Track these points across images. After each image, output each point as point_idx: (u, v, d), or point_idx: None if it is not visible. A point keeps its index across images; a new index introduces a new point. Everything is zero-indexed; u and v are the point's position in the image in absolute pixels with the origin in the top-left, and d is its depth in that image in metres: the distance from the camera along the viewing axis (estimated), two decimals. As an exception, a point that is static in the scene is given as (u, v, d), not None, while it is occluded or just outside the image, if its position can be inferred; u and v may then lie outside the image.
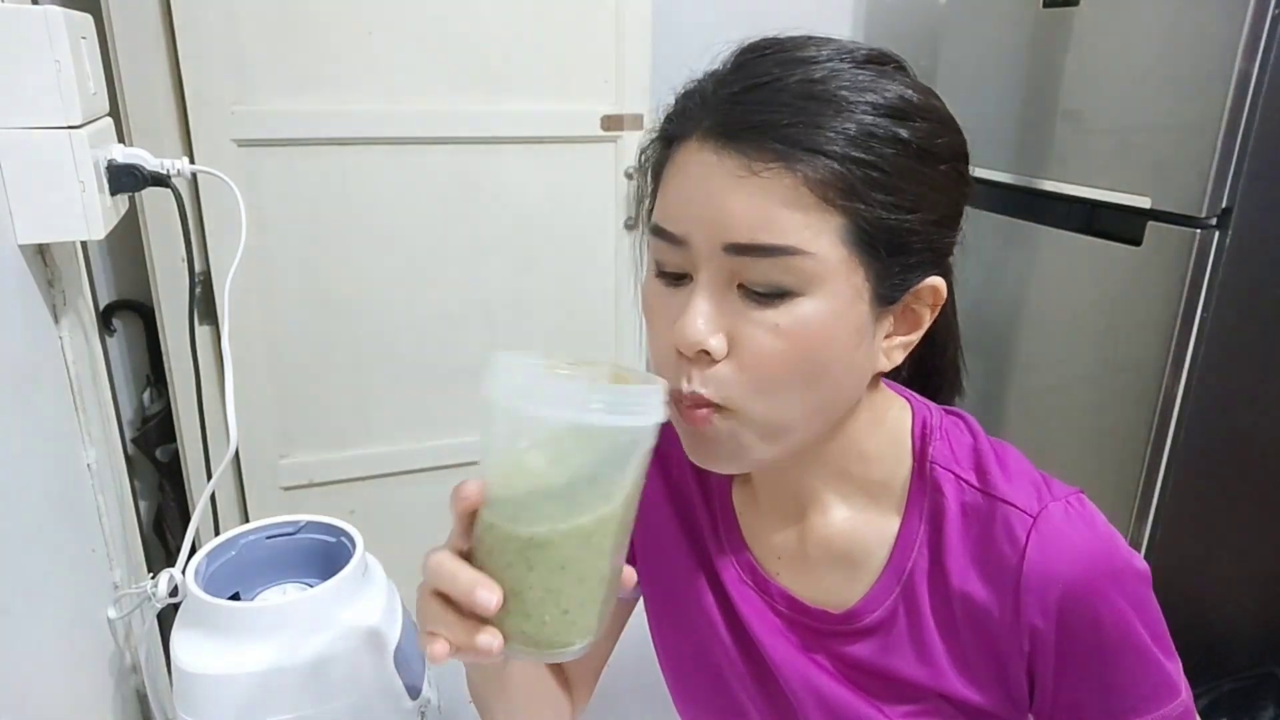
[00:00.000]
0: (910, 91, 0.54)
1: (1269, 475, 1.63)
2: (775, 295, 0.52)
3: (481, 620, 0.49)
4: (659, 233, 0.56)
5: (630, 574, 0.54)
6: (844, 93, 0.51)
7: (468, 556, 0.51)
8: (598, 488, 0.49)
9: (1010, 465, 0.61)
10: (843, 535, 0.64)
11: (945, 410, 0.66)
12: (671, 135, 0.56)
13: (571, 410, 0.45)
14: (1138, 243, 1.56)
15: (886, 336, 0.57)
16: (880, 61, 0.55)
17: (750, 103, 0.52)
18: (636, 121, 1.64)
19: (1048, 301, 1.78)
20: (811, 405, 0.56)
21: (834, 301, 0.52)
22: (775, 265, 0.51)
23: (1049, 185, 1.74)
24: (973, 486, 0.61)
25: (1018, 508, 0.58)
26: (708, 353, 0.53)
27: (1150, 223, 1.53)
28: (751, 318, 0.52)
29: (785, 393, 0.54)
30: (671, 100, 0.58)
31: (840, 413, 0.59)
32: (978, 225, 0.61)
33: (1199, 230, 1.45)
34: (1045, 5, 1.73)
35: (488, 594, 0.48)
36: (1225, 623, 1.73)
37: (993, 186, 1.85)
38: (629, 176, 1.66)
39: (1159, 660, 0.58)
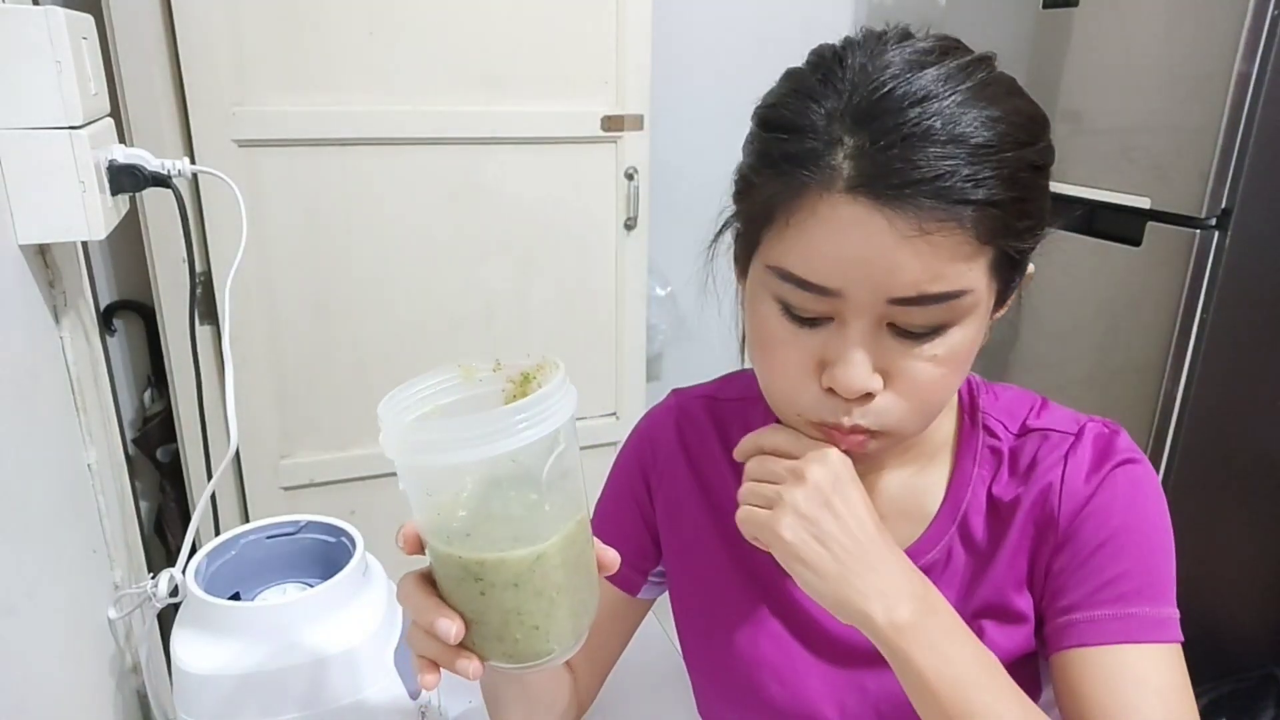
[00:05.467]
0: (1026, 104, 0.54)
1: (1269, 476, 1.63)
2: (930, 332, 0.53)
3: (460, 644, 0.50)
4: (801, 283, 0.53)
5: (612, 557, 0.54)
6: (988, 132, 0.50)
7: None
8: (519, 507, 0.49)
9: (1053, 408, 0.67)
10: (902, 492, 0.68)
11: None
12: (799, 177, 0.52)
13: (456, 452, 0.45)
14: (1138, 243, 1.56)
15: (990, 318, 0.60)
16: (981, 69, 0.53)
17: (904, 159, 0.49)
18: (636, 122, 1.64)
19: (1048, 301, 1.78)
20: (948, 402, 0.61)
21: (978, 319, 0.55)
22: (939, 309, 0.52)
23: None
24: (1017, 434, 0.66)
25: (1059, 430, 0.65)
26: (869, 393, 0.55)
27: (1150, 223, 1.54)
28: (909, 353, 0.54)
29: (940, 405, 0.58)
30: (765, 127, 0.56)
31: None
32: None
33: (1199, 230, 1.45)
34: (1045, 5, 1.73)
35: (447, 624, 0.49)
36: (1225, 624, 1.73)
37: (993, 187, 1.85)
38: (629, 177, 1.66)
39: (1167, 570, 0.62)
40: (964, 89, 0.51)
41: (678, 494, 0.75)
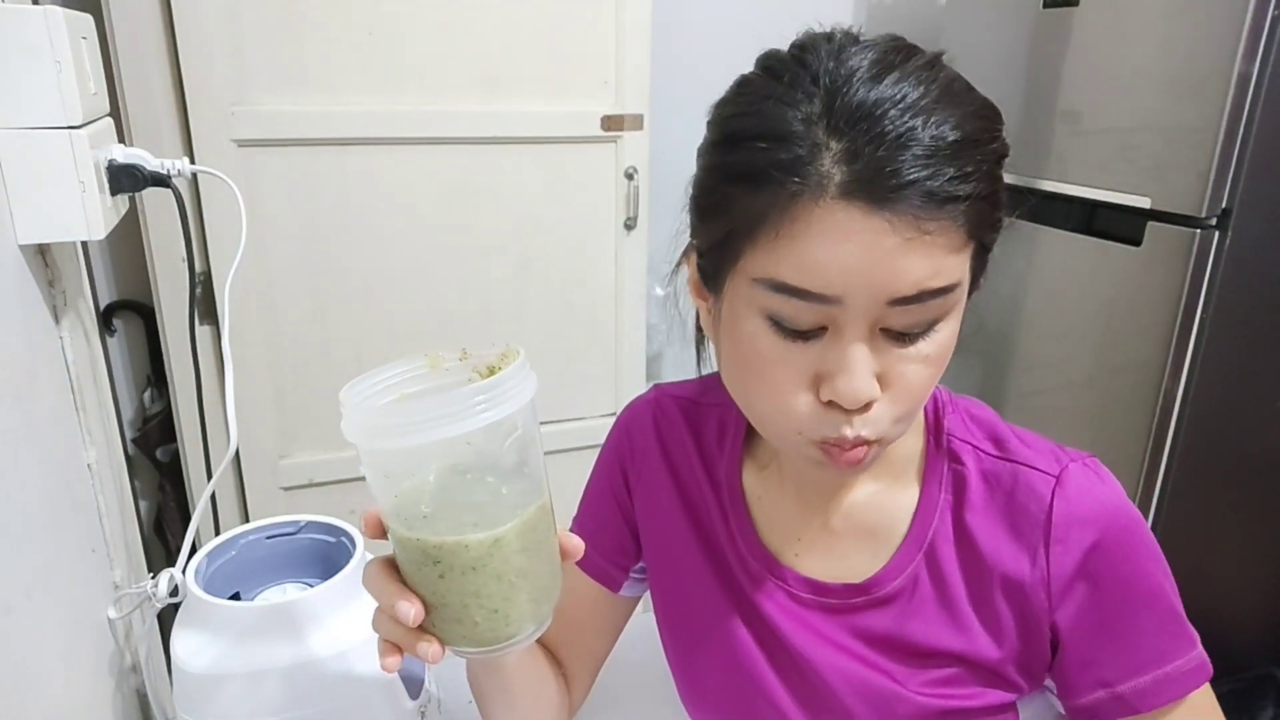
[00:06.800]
0: (983, 99, 0.54)
1: (1268, 476, 1.63)
2: (924, 330, 0.53)
3: (421, 627, 0.51)
4: (797, 293, 0.51)
5: (576, 544, 0.56)
6: (965, 128, 0.50)
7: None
8: (476, 492, 0.49)
9: (1026, 436, 0.65)
10: (867, 508, 0.66)
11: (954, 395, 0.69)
12: (790, 186, 0.50)
13: (413, 435, 0.45)
14: (1138, 243, 1.56)
15: None
16: (940, 68, 0.53)
17: (893, 161, 0.49)
18: (636, 121, 1.64)
19: (1048, 301, 1.78)
20: None
21: (959, 314, 0.55)
22: (936, 304, 0.52)
23: (1049, 185, 1.74)
24: (991, 455, 0.64)
25: (1039, 470, 0.62)
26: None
27: (1150, 223, 1.54)
28: (901, 355, 0.53)
29: (920, 407, 0.57)
30: (736, 138, 0.54)
31: None
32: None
33: (1199, 230, 1.45)
34: (1045, 5, 1.73)
35: (406, 607, 0.50)
36: (1225, 623, 1.73)
37: (992, 187, 1.85)
38: (629, 176, 1.66)
39: (1180, 611, 0.61)
40: (934, 89, 0.51)
41: (655, 490, 0.75)
